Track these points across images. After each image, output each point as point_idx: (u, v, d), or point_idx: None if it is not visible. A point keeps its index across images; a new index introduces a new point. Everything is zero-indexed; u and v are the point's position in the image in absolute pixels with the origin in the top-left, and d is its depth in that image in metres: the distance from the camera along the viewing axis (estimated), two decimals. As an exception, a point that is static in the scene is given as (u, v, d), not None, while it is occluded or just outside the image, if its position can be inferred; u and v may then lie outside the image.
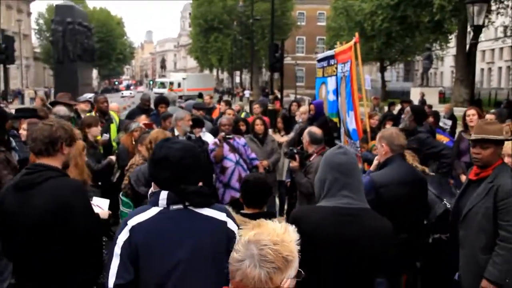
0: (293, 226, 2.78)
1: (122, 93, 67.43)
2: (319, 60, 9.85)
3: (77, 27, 35.78)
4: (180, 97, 25.09)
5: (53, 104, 7.76)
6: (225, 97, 51.71)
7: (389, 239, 2.79)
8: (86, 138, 6.22)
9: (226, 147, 7.17)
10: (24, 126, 5.74)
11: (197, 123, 7.46)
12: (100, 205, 3.81)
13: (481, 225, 3.72)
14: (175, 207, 2.47)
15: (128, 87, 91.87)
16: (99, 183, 6.00)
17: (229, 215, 2.57)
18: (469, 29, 25.91)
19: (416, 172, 4.27)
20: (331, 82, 8.77)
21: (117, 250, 2.42)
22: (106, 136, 7.29)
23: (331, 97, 8.87)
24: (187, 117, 7.07)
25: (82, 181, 4.26)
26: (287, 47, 67.93)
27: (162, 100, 9.00)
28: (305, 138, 5.64)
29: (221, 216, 2.53)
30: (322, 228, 2.74)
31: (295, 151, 5.64)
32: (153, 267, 2.40)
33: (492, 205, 3.68)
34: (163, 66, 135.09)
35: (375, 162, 4.39)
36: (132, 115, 8.38)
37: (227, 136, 7.17)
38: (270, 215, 3.36)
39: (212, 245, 2.46)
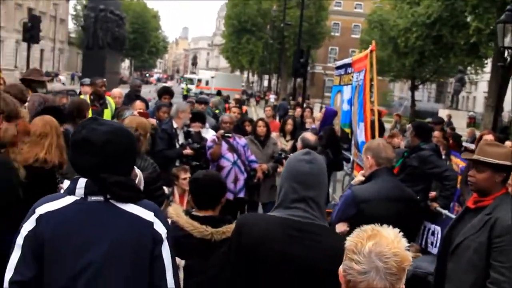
0: (238, 234, 2.44)
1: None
2: (337, 68, 9.53)
3: (109, 15, 35.94)
4: (207, 95, 25.03)
5: (22, 81, 7.39)
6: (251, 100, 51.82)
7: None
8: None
9: (224, 145, 6.85)
10: None
11: (197, 117, 7.15)
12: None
13: (472, 261, 3.27)
14: (93, 198, 2.11)
15: (158, 81, 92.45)
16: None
17: (157, 215, 2.19)
18: (506, 54, 25.24)
19: (404, 189, 3.87)
20: (347, 91, 8.45)
21: (20, 240, 2.07)
22: None
23: (345, 106, 8.54)
24: (188, 109, 6.76)
25: (59, 163, 3.97)
26: (320, 56, 68.41)
27: (166, 91, 8.71)
28: (298, 144, 5.30)
29: (147, 215, 2.16)
30: (266, 243, 2.35)
31: (283, 155, 5.30)
32: (59, 267, 2.04)
33: (486, 241, 3.22)
34: (194, 63, 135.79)
35: (359, 177, 4.00)
36: (126, 101, 8.11)
37: (226, 134, 6.85)
38: (222, 221, 3.02)
39: (132, 248, 2.10)
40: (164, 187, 5.09)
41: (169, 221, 3.02)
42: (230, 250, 2.50)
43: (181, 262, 2.87)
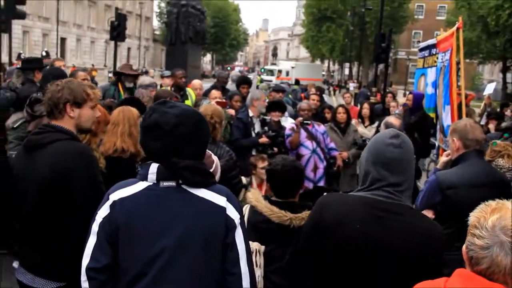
0: (318, 213, 2.31)
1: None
2: (421, 50, 9.11)
3: (190, 9, 36.46)
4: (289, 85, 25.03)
5: (115, 74, 7.70)
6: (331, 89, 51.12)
7: (436, 244, 2.22)
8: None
9: (303, 133, 6.75)
10: (39, 76, 5.92)
11: (276, 106, 7.07)
12: None
13: None
14: (166, 184, 2.09)
15: (240, 73, 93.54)
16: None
17: (230, 200, 2.14)
18: None
19: (495, 172, 3.58)
20: (431, 74, 8.07)
21: (95, 227, 2.09)
22: None
23: (430, 90, 8.17)
24: (263, 97, 6.71)
25: (135, 152, 4.06)
26: (403, 41, 66.19)
27: (244, 81, 8.67)
28: (382, 129, 5.09)
29: (220, 200, 2.11)
30: (348, 222, 2.23)
31: (367, 142, 5.09)
32: (133, 252, 2.05)
33: None
34: (274, 54, 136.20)
35: (444, 158, 3.72)
36: (207, 93, 8.19)
37: (305, 122, 6.74)
38: (302, 207, 2.92)
39: (205, 234, 2.07)
40: (242, 177, 5.07)
41: (248, 205, 2.98)
42: (306, 229, 2.40)
43: (261, 248, 2.83)
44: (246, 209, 2.98)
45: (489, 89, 13.31)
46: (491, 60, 43.97)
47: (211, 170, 3.16)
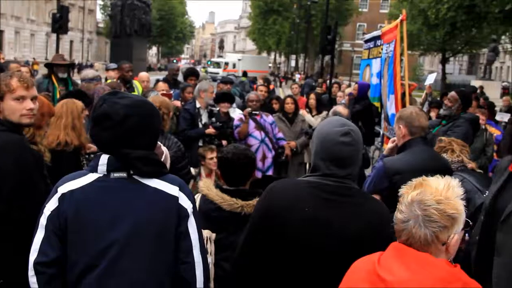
0: (268, 199, 2.30)
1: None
2: (366, 41, 9.29)
3: (135, 2, 35.91)
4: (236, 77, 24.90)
5: (47, 66, 7.43)
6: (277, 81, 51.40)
7: (385, 223, 2.19)
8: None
9: (252, 124, 6.79)
10: None
11: (224, 97, 7.05)
12: None
13: None
14: (116, 175, 2.06)
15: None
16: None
17: (182, 189, 2.13)
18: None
19: (439, 158, 3.68)
20: (376, 65, 8.24)
21: (43, 220, 2.04)
22: None
23: (375, 80, 8.35)
24: (211, 89, 6.68)
25: (79, 144, 3.96)
26: (347, 33, 67.29)
27: (192, 73, 8.62)
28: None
29: (172, 190, 2.10)
30: (297, 206, 2.23)
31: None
32: (84, 245, 2.01)
33: None
34: (221, 47, 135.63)
35: (390, 145, 3.80)
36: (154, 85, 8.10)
37: (254, 112, 6.77)
38: (253, 194, 2.93)
39: (157, 223, 2.05)
40: (191, 168, 5.04)
41: (199, 195, 2.97)
42: (255, 215, 2.39)
43: (212, 236, 2.83)
44: (197, 197, 2.95)
45: (430, 79, 13.71)
46: (432, 52, 45.40)
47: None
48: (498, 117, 10.50)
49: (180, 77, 9.69)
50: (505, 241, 3.17)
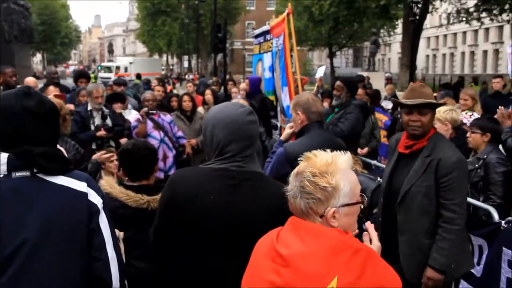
0: (171, 189, 2.30)
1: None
2: (256, 36, 9.49)
3: (12, 5, 33.87)
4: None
5: None
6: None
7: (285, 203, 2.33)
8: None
9: (150, 124, 6.69)
10: None
11: (116, 98, 6.88)
12: None
13: (423, 207, 3.28)
14: (18, 174, 1.95)
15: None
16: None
17: (90, 185, 2.07)
18: (415, 9, 26.18)
19: (335, 140, 3.82)
20: (267, 59, 8.43)
21: None
22: None
23: (267, 74, 8.53)
24: (100, 90, 6.46)
25: None
26: (237, 32, 68.05)
27: (81, 74, 8.35)
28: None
29: (80, 186, 2.03)
30: (202, 194, 2.24)
31: None
32: None
33: (433, 183, 3.23)
34: (110, 51, 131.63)
35: (288, 130, 3.89)
36: (42, 91, 7.71)
37: (150, 112, 6.68)
38: (157, 189, 2.90)
39: (67, 222, 1.98)
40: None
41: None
42: (160, 205, 2.38)
43: (120, 234, 2.76)
44: None
45: (320, 72, 14.26)
46: (319, 46, 47.22)
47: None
48: (383, 104, 11.20)
49: (70, 81, 9.33)
50: (404, 221, 3.38)
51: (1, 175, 1.95)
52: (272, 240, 1.80)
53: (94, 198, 2.05)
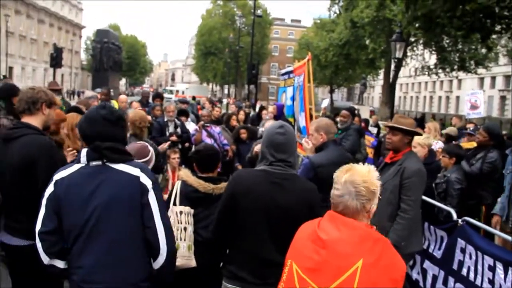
0: (232, 184, 2.30)
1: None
2: (282, 74, 9.44)
3: (110, 45, 34.86)
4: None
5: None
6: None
7: (316, 197, 2.33)
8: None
9: (204, 133, 6.71)
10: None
11: (183, 113, 6.99)
12: None
13: (389, 199, 3.31)
14: (94, 163, 2.01)
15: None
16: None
17: (144, 171, 2.06)
18: (392, 67, 25.97)
19: (345, 153, 3.81)
20: (290, 91, 8.39)
21: (44, 201, 2.00)
22: None
23: (289, 102, 8.49)
24: (172, 107, 6.60)
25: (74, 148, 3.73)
26: (264, 70, 68.11)
27: (158, 95, 8.49)
28: (262, 129, 5.17)
29: (134, 171, 2.04)
30: (254, 189, 2.25)
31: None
32: (72, 216, 1.96)
33: (398, 183, 3.30)
34: (173, 79, 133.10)
35: (306, 146, 3.78)
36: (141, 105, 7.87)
37: (205, 124, 6.72)
38: (220, 180, 2.91)
39: (125, 196, 2.00)
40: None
41: (180, 181, 2.90)
42: (225, 197, 2.39)
43: (191, 211, 2.78)
44: (178, 183, 2.89)
45: (324, 103, 14.29)
46: (323, 84, 47.00)
47: (148, 158, 3.05)
48: (371, 129, 11.19)
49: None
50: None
51: (84, 164, 2.02)
52: (314, 226, 1.78)
53: (145, 180, 2.04)
